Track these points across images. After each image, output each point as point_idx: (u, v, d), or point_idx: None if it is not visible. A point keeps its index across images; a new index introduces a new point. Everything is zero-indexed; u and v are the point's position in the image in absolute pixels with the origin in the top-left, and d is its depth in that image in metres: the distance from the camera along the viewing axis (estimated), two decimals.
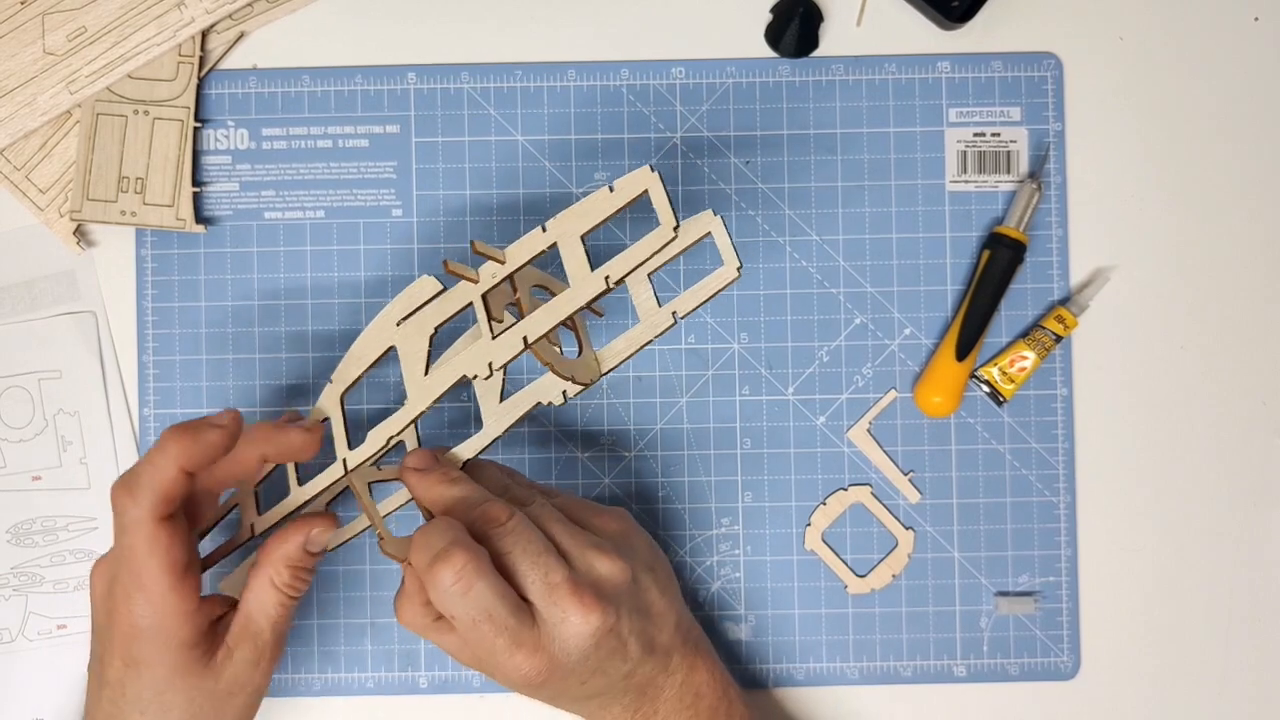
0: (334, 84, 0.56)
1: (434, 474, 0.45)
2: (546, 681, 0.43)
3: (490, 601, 0.41)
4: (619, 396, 0.55)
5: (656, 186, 0.43)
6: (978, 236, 0.56)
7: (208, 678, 0.44)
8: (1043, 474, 0.55)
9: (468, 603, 0.41)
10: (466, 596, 0.41)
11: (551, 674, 0.43)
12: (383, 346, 0.46)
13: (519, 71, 0.56)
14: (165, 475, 0.42)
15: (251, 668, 0.45)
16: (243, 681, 0.45)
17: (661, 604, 0.47)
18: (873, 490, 0.55)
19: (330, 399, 0.47)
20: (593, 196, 0.43)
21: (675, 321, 0.47)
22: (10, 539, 0.55)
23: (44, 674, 0.54)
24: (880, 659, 0.55)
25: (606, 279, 0.43)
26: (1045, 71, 0.56)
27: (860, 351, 0.55)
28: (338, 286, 0.55)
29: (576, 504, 0.48)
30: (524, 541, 0.43)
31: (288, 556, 0.45)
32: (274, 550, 0.45)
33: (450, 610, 0.42)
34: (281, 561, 0.45)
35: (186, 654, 0.44)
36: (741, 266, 0.47)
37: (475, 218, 0.55)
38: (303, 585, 0.46)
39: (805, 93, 0.56)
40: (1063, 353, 0.55)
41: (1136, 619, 0.55)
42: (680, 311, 0.48)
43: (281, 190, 0.55)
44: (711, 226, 0.48)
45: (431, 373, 0.45)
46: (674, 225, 0.42)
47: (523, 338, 0.43)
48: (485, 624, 0.42)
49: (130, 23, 0.54)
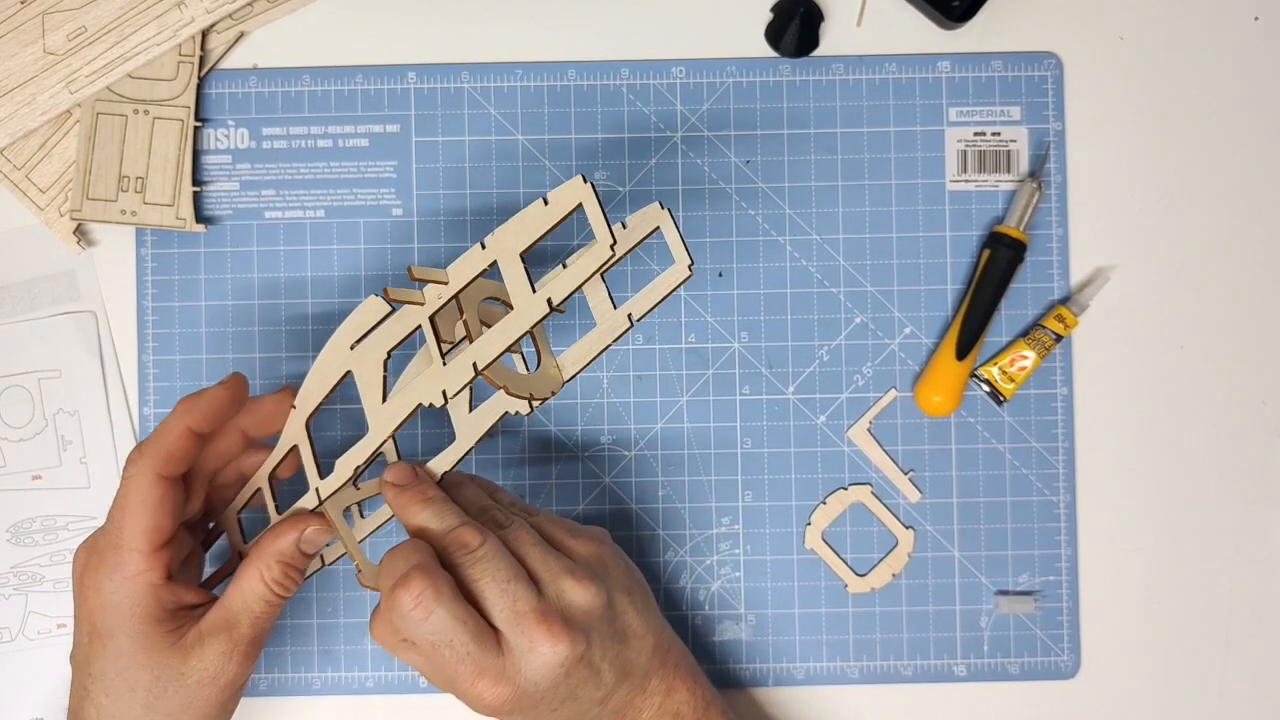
0: (334, 84, 0.56)
1: (410, 492, 0.45)
2: (514, 710, 0.43)
3: (450, 628, 0.41)
4: (619, 396, 0.55)
5: (590, 200, 0.42)
6: (978, 236, 0.56)
7: (173, 657, 0.44)
8: (1043, 473, 0.55)
9: (426, 628, 0.41)
10: (425, 623, 0.41)
11: (519, 702, 0.43)
12: (339, 371, 0.45)
13: (519, 71, 0.56)
14: (172, 432, 0.43)
15: (224, 660, 0.44)
16: (213, 674, 0.44)
17: (638, 626, 0.46)
18: (873, 489, 0.55)
19: (296, 424, 0.46)
20: (529, 210, 0.42)
21: (632, 324, 0.46)
22: (10, 538, 0.55)
23: (44, 674, 0.54)
24: (880, 658, 0.55)
25: (549, 301, 0.42)
26: (1045, 71, 0.56)
27: (860, 351, 0.55)
28: (338, 286, 0.55)
29: (554, 526, 0.47)
30: (493, 568, 0.42)
31: (280, 552, 0.45)
32: (268, 545, 0.45)
33: (410, 635, 0.42)
34: (274, 556, 0.45)
35: (150, 626, 0.43)
36: (693, 264, 0.47)
37: (475, 218, 0.55)
38: (291, 585, 0.45)
39: (805, 92, 0.56)
40: (1063, 352, 0.55)
41: (1136, 619, 0.55)
42: (635, 314, 0.47)
43: (282, 190, 0.55)
44: (660, 221, 0.46)
45: (390, 399, 0.44)
46: (610, 244, 0.41)
47: (473, 364, 0.42)
48: (445, 650, 0.41)
49: (130, 22, 0.54)
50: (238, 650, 0.45)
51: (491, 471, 0.55)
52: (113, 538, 0.43)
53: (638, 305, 0.47)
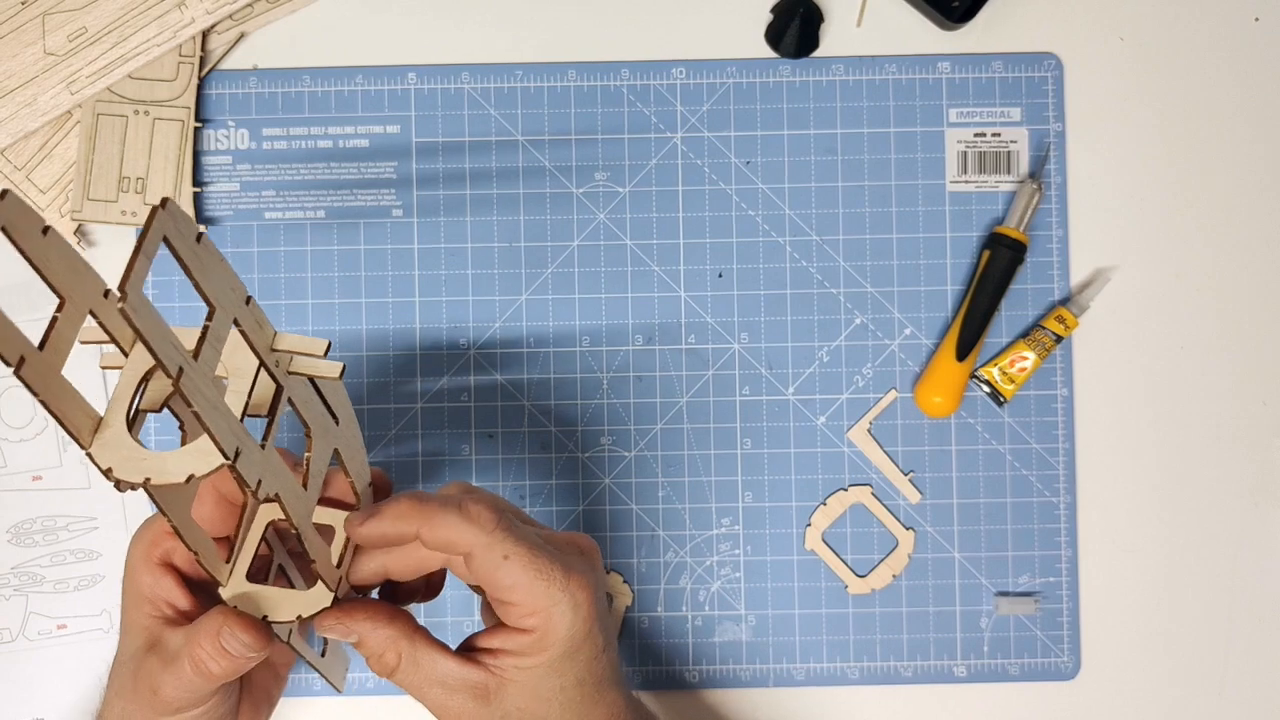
0: (334, 84, 0.56)
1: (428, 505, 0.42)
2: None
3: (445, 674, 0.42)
4: (619, 397, 0.55)
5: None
6: (978, 236, 0.56)
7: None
8: (1043, 474, 0.55)
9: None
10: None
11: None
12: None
13: (519, 71, 0.56)
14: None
15: (183, 694, 0.41)
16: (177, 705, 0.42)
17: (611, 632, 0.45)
18: (873, 490, 0.55)
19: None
20: None
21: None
22: (10, 539, 0.55)
23: (44, 674, 0.54)
24: (880, 659, 0.55)
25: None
26: (1045, 71, 0.56)
27: (860, 351, 0.55)
28: (338, 286, 0.55)
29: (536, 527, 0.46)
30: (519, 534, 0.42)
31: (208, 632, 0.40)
32: (203, 624, 0.40)
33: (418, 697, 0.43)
34: (206, 638, 0.40)
35: (130, 644, 0.42)
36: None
37: (475, 218, 0.55)
38: (217, 666, 0.40)
39: (805, 93, 0.56)
40: (1063, 353, 0.55)
41: (1136, 619, 0.55)
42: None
43: (282, 190, 0.55)
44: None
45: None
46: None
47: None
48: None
49: (131, 23, 0.54)
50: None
51: (491, 471, 0.55)
52: (137, 535, 0.43)
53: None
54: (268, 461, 0.35)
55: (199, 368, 0.31)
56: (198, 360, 0.31)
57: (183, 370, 0.30)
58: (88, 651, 0.55)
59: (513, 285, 0.55)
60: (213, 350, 0.32)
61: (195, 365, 0.31)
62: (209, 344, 0.32)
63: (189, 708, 0.42)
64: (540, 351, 0.55)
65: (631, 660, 0.55)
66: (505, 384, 0.55)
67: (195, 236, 0.31)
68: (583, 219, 0.55)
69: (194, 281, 0.31)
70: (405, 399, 0.55)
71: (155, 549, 0.42)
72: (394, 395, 0.55)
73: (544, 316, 0.55)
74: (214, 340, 0.32)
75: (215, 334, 0.32)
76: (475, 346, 0.55)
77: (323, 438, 0.39)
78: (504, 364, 0.55)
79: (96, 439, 0.33)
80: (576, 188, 0.55)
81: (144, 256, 0.29)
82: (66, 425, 0.32)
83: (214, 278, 0.32)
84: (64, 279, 0.32)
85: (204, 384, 0.31)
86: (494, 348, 0.55)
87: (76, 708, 0.54)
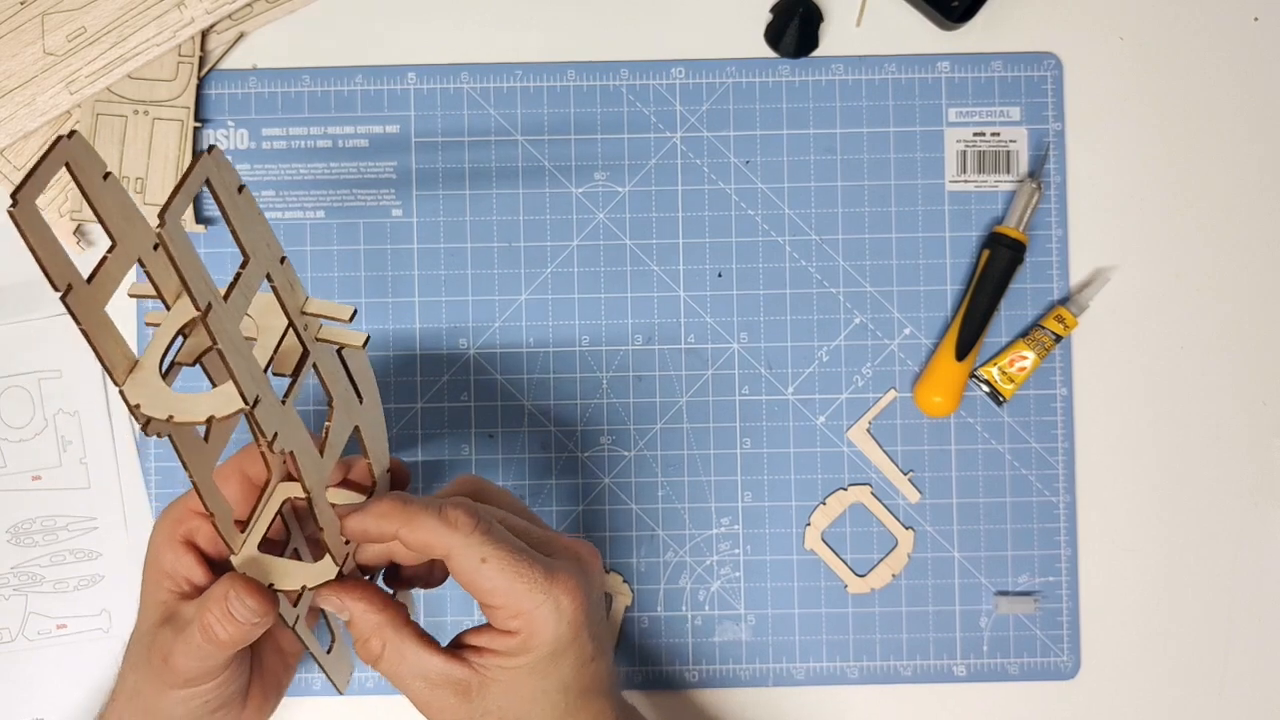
0: (334, 84, 0.56)
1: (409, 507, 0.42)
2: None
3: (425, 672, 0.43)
4: (619, 397, 0.55)
5: None
6: (977, 236, 0.56)
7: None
8: (1043, 474, 0.55)
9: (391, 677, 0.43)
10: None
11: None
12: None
13: (519, 71, 0.56)
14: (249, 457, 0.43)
15: (196, 664, 0.42)
16: (191, 677, 0.42)
17: (604, 642, 0.45)
18: (873, 490, 0.55)
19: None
20: None
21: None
22: (10, 539, 0.55)
23: (44, 674, 0.54)
24: (880, 659, 0.55)
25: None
26: (1045, 71, 0.56)
27: (860, 351, 0.55)
28: (338, 287, 0.55)
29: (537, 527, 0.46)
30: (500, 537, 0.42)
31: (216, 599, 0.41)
32: (213, 590, 0.41)
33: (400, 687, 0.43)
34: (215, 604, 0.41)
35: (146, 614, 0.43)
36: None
37: (475, 218, 0.55)
38: (224, 630, 0.41)
39: (805, 93, 0.56)
40: (1063, 353, 0.55)
41: (1136, 619, 0.55)
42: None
43: (281, 190, 0.55)
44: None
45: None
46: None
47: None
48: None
49: (130, 23, 0.54)
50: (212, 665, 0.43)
51: (491, 471, 0.55)
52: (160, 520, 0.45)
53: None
54: (286, 417, 0.36)
55: (228, 309, 0.32)
56: (227, 302, 0.32)
57: (211, 306, 0.31)
58: (87, 651, 0.55)
59: (512, 285, 0.55)
60: (243, 296, 0.33)
61: (224, 305, 0.32)
62: (240, 289, 0.33)
63: (200, 680, 0.42)
64: (540, 351, 0.55)
65: (631, 660, 0.55)
66: (505, 384, 0.55)
67: (237, 188, 0.33)
68: (582, 219, 0.55)
69: (231, 228, 0.32)
70: (405, 399, 0.55)
71: (180, 527, 0.44)
72: (394, 395, 0.55)
73: (544, 316, 0.55)
74: (245, 287, 0.33)
75: (247, 281, 0.33)
76: (475, 346, 0.55)
77: (345, 411, 0.40)
78: (504, 364, 0.55)
79: (130, 378, 0.35)
80: (576, 187, 0.55)
81: (184, 194, 0.30)
82: (104, 359, 0.34)
83: (251, 229, 0.33)
84: (118, 224, 0.34)
85: (231, 326, 0.32)
86: (494, 348, 0.55)
87: (76, 708, 0.54)
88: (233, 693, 0.44)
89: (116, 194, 0.33)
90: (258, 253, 0.34)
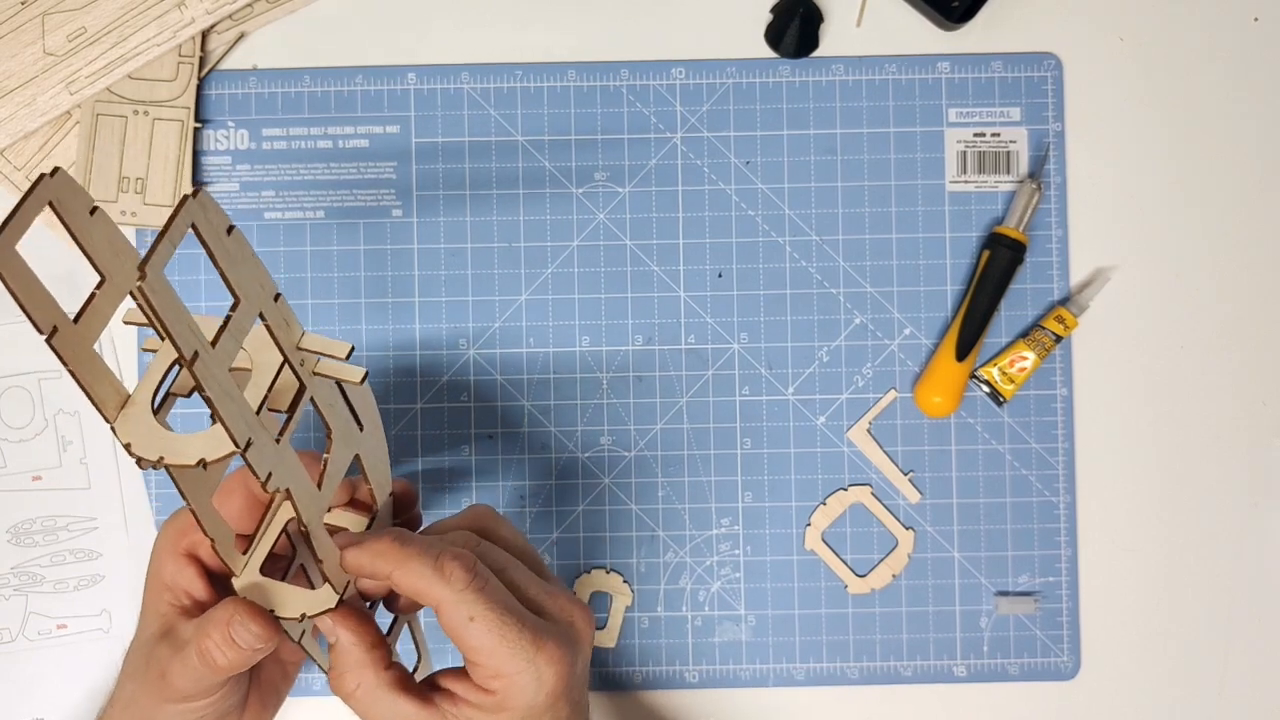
0: (334, 84, 0.56)
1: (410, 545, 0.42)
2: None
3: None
4: (619, 397, 0.55)
5: None
6: (978, 237, 0.56)
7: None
8: (1043, 474, 0.55)
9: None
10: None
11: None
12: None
13: (519, 71, 0.56)
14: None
15: (189, 680, 0.42)
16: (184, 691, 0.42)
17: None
18: (873, 490, 0.55)
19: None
20: None
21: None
22: (10, 539, 0.55)
23: (44, 674, 0.54)
24: (880, 659, 0.55)
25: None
26: (1045, 71, 0.56)
27: (860, 351, 0.55)
28: (338, 287, 0.55)
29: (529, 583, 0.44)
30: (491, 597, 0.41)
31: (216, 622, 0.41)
32: (213, 614, 0.41)
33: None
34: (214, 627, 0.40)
35: (144, 633, 0.43)
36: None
37: (475, 218, 0.55)
38: (223, 656, 0.40)
39: (805, 93, 0.56)
40: (1063, 353, 0.55)
41: (1136, 619, 0.55)
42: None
43: (281, 190, 0.55)
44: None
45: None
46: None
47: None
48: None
49: (130, 23, 0.54)
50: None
51: (491, 472, 0.55)
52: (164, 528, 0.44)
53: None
54: (281, 456, 0.35)
55: (215, 355, 0.31)
56: (215, 348, 0.31)
57: (198, 355, 0.30)
58: (87, 651, 0.55)
59: (512, 285, 0.55)
60: (232, 341, 0.32)
61: (212, 352, 0.31)
62: (229, 334, 0.32)
63: (196, 697, 0.42)
64: (540, 351, 0.55)
65: (631, 660, 0.55)
66: (505, 384, 0.55)
67: (226, 229, 0.32)
68: (582, 219, 0.55)
69: (220, 271, 0.31)
70: (405, 399, 0.55)
71: (182, 539, 0.43)
72: (394, 396, 0.55)
73: (544, 317, 0.55)
74: (235, 331, 0.32)
75: (237, 325, 0.32)
76: (475, 347, 0.55)
77: (344, 441, 0.39)
78: (504, 364, 0.55)
79: (121, 414, 0.34)
80: (576, 188, 0.55)
81: (168, 242, 0.29)
82: (93, 397, 0.33)
83: (242, 271, 0.32)
84: (106, 259, 0.33)
85: (219, 372, 0.31)
86: (494, 348, 0.55)
87: (76, 708, 0.54)
88: (230, 706, 0.44)
89: (104, 228, 0.32)
90: (249, 294, 0.33)
